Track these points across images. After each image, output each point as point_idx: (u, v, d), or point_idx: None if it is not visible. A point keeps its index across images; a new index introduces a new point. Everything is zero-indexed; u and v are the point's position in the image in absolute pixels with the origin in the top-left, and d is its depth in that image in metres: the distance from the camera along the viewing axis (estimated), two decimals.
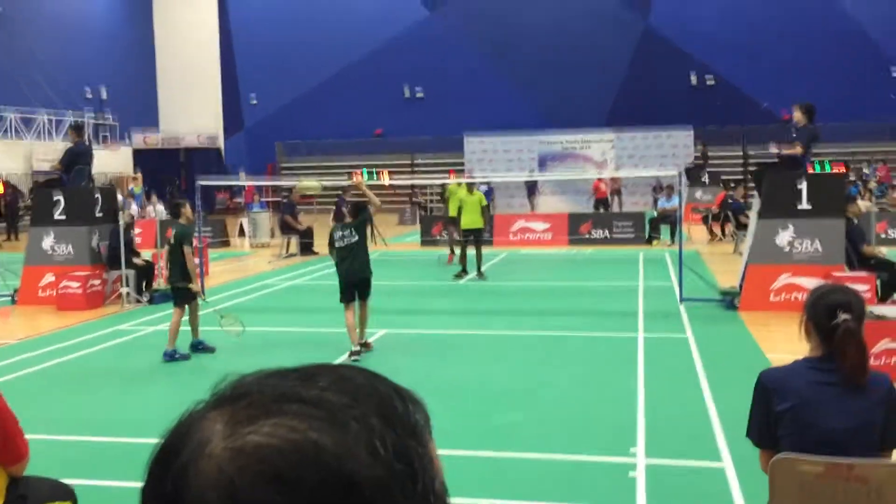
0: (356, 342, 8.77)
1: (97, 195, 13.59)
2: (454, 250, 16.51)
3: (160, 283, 13.60)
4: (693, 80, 37.09)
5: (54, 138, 32.39)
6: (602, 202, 27.34)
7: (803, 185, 11.22)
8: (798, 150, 11.32)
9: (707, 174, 27.91)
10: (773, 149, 12.02)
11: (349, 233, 8.74)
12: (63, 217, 13.17)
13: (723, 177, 28.44)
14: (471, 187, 15.51)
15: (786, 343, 8.70)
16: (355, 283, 8.75)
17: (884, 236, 18.79)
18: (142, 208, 25.07)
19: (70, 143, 13.99)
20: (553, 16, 37.46)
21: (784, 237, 11.31)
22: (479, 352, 9.27)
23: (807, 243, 11.28)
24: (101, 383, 8.22)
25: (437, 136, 37.88)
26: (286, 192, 23.35)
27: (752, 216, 12.47)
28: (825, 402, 2.91)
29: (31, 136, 31.80)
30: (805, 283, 11.18)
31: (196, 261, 14.33)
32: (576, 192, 34.02)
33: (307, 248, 20.10)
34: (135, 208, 23.37)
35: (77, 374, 8.61)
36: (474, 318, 11.27)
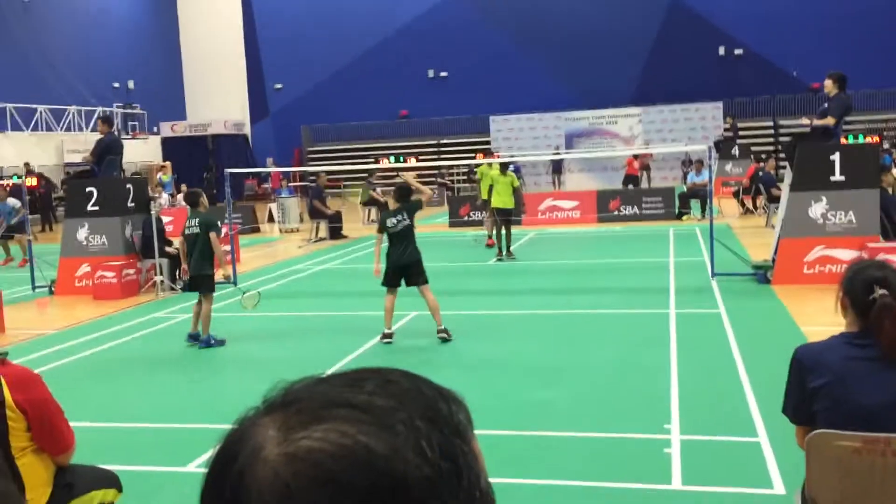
0: (389, 326, 8.77)
1: (129, 186, 13.77)
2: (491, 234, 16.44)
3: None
4: (721, 51, 36.54)
5: (84, 130, 32.78)
6: (632, 179, 27.09)
7: (836, 157, 11.05)
8: (830, 121, 11.14)
9: (737, 147, 27.53)
10: (805, 121, 11.81)
11: (403, 217, 8.67)
12: (96, 208, 13.37)
13: (753, 149, 28.06)
14: (503, 168, 15.42)
15: (821, 316, 8.60)
16: (404, 266, 8.68)
17: None
18: (172, 196, 25.32)
19: (100, 135, 14.16)
20: None
21: (817, 209, 11.16)
22: (509, 331, 9.29)
23: (840, 215, 11.13)
24: (140, 370, 8.37)
25: (462, 117, 37.76)
26: (313, 177, 23.47)
27: (784, 189, 12.32)
28: (862, 378, 2.89)
29: (61, 129, 32.21)
30: (839, 255, 11.05)
31: (226, 248, 14.51)
32: (603, 169, 33.79)
33: (336, 232, 20.20)
34: (165, 197, 23.62)
35: (116, 361, 8.77)
36: (504, 298, 11.28)
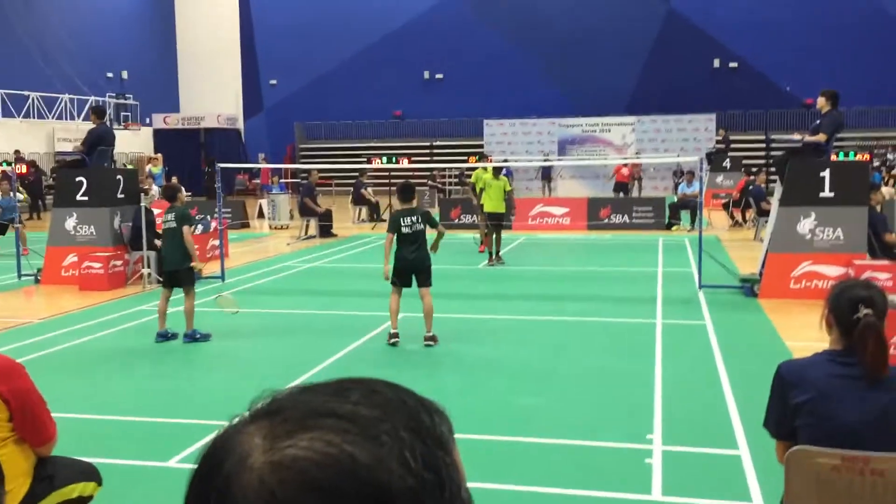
0: (396, 326, 8.68)
1: (119, 177, 13.71)
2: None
3: None
4: (716, 63, 36.74)
5: (76, 119, 32.63)
6: (622, 186, 27.19)
7: (826, 174, 11.13)
8: (822, 138, 11.22)
9: (728, 159, 27.68)
10: (797, 136, 11.89)
11: (417, 220, 8.56)
12: (85, 198, 13.31)
13: (744, 162, 28.22)
14: (496, 172, 15.43)
15: (805, 331, 8.66)
16: (416, 267, 8.60)
17: None
18: (162, 189, 25.20)
19: (92, 125, 14.10)
20: (575, 0, 37.18)
21: (806, 225, 11.23)
22: (497, 336, 9.29)
23: (829, 231, 11.20)
24: (123, 363, 8.34)
25: (456, 120, 37.79)
26: (305, 175, 23.45)
27: (774, 203, 12.39)
28: (844, 396, 2.91)
29: (52, 117, 32.05)
30: (826, 271, 11.13)
31: (214, 242, 14.46)
32: (595, 177, 33.87)
33: (326, 230, 20.18)
34: (155, 189, 23.52)
35: (99, 353, 8.73)
36: (492, 303, 11.30)
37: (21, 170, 19.22)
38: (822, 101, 11.45)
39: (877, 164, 27.65)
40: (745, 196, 20.28)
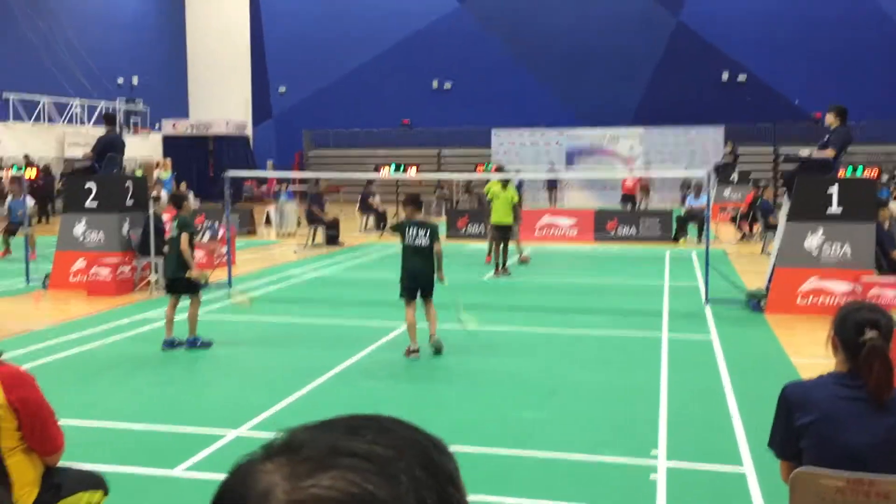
0: (415, 341, 8.65)
1: (128, 184, 13.78)
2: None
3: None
4: (724, 76, 36.75)
5: (86, 124, 32.81)
6: (629, 198, 27.20)
7: (834, 189, 11.12)
8: (830, 153, 11.23)
9: (736, 172, 27.65)
10: (804, 153, 11.90)
11: (424, 234, 8.56)
12: (94, 205, 13.38)
13: (752, 175, 28.18)
14: (505, 183, 15.43)
15: (811, 347, 8.65)
16: (420, 277, 8.62)
17: None
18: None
19: (103, 132, 14.19)
20: (583, 11, 37.26)
21: (813, 241, 11.22)
22: (501, 348, 9.30)
23: (836, 247, 11.18)
24: (129, 370, 8.37)
25: (464, 129, 37.87)
26: (313, 183, 23.51)
27: (781, 218, 12.38)
28: (849, 418, 2.92)
29: (63, 122, 32.23)
30: (833, 286, 11.11)
31: (223, 249, 14.51)
32: (602, 188, 33.87)
33: (333, 239, 20.22)
34: (164, 194, 23.60)
35: (106, 360, 8.76)
36: (497, 314, 11.30)
37: (31, 175, 19.29)
38: (830, 117, 11.46)
39: (885, 179, 27.58)
40: (753, 210, 20.25)
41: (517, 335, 10.04)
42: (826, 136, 11.62)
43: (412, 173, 19.01)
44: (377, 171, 19.92)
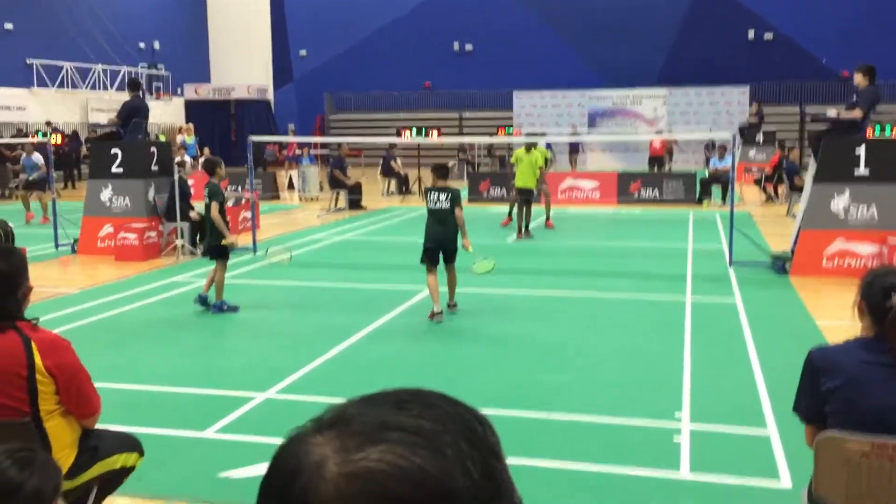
0: (438, 304, 8.76)
1: (153, 149, 13.88)
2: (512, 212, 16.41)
3: None
4: (751, 35, 36.08)
5: (109, 89, 32.93)
6: (657, 160, 26.96)
7: (861, 150, 10.97)
8: (858, 114, 11.06)
9: (762, 133, 27.29)
10: (832, 113, 11.71)
11: (445, 199, 8.72)
12: (120, 170, 13.50)
13: (778, 136, 27.81)
14: (529, 147, 15.37)
15: (837, 310, 8.61)
16: (441, 241, 8.77)
17: None
18: (194, 159, 25.40)
19: (127, 98, 14.26)
20: None
21: (839, 202, 11.10)
22: (525, 311, 9.34)
23: (863, 209, 11.06)
24: (159, 334, 8.51)
25: (485, 91, 37.58)
26: (335, 147, 23.50)
27: (808, 179, 12.25)
28: (875, 382, 2.93)
29: (86, 87, 32.36)
30: (859, 249, 11.02)
31: (246, 214, 14.60)
32: (625, 150, 33.59)
33: (355, 203, 20.27)
34: (188, 159, 23.71)
35: (136, 324, 8.92)
36: (520, 278, 11.33)
37: (56, 140, 19.49)
38: (858, 76, 11.26)
39: None
40: (779, 171, 20.02)
41: (540, 299, 10.07)
42: (854, 96, 11.44)
43: (434, 137, 18.91)
44: (399, 135, 19.83)
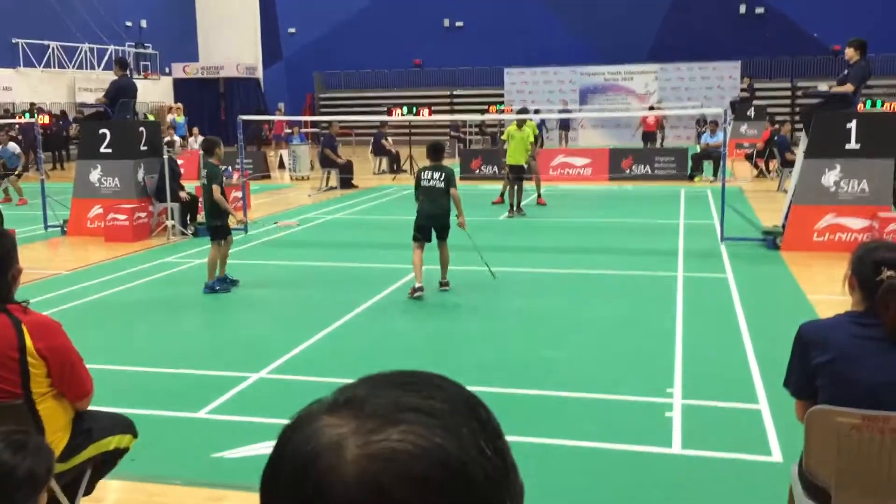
0: (420, 280, 8.78)
1: (142, 129, 13.77)
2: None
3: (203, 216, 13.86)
4: (742, 10, 35.94)
5: (96, 69, 32.62)
6: (650, 135, 26.92)
7: (852, 125, 10.97)
8: (849, 88, 11.05)
9: (753, 108, 27.28)
10: (824, 87, 11.71)
11: (439, 177, 8.75)
12: (109, 150, 13.40)
13: (769, 111, 27.80)
14: (520, 124, 15.33)
15: (828, 284, 8.66)
16: (434, 217, 8.80)
17: None
18: (183, 139, 25.26)
19: (114, 77, 14.13)
20: None
21: (830, 177, 11.12)
22: (517, 288, 9.35)
23: (854, 184, 11.09)
24: (150, 314, 8.49)
25: (476, 68, 37.39)
26: (325, 126, 23.39)
27: (799, 154, 12.26)
28: (866, 356, 2.94)
29: (73, 67, 32.05)
30: (850, 223, 11.06)
31: (237, 194, 14.55)
32: (616, 126, 33.52)
33: (347, 182, 20.21)
34: (177, 139, 23.58)
35: (127, 305, 8.90)
36: (512, 255, 11.34)
37: (44, 120, 19.37)
38: (850, 51, 11.24)
39: None
40: (770, 146, 20.03)
41: (533, 275, 10.09)
42: (846, 71, 11.42)
43: (425, 115, 18.84)
44: (389, 113, 19.74)
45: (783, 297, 8.76)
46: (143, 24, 37.20)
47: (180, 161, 15.06)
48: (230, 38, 40.24)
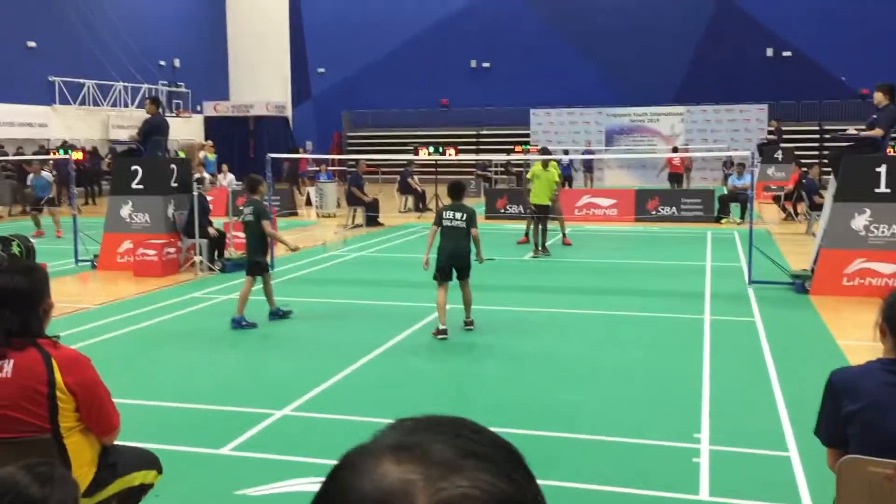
0: (444, 322, 8.77)
1: (173, 166, 13.99)
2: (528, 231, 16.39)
3: (231, 251, 13.99)
4: (769, 52, 35.99)
5: (130, 107, 33.28)
6: (676, 177, 26.89)
7: (882, 169, 10.89)
8: (878, 133, 10.99)
9: (780, 151, 27.17)
10: (852, 131, 11.66)
11: (460, 217, 8.82)
12: (141, 187, 13.62)
13: (797, 153, 27.67)
14: (545, 164, 15.40)
15: (857, 330, 8.53)
16: (456, 257, 8.84)
17: None
18: (213, 176, 25.57)
19: (147, 115, 14.41)
20: None
21: (860, 221, 11.01)
22: (541, 329, 9.31)
23: (884, 228, 10.96)
24: (178, 349, 8.55)
25: (502, 109, 37.66)
26: (353, 164, 23.61)
27: (827, 198, 12.17)
28: None
29: (107, 105, 32.72)
30: (880, 268, 10.92)
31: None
32: (642, 167, 33.52)
33: (372, 220, 20.33)
34: (206, 175, 23.87)
35: (154, 339, 8.96)
36: (537, 296, 11.30)
37: (77, 156, 19.80)
38: (878, 95, 11.20)
39: None
40: (799, 189, 19.91)
41: (557, 316, 10.04)
42: (874, 115, 11.37)
43: (451, 154, 18.97)
44: (416, 153, 19.91)
45: (812, 342, 8.64)
46: (177, 63, 38.00)
47: (209, 197, 15.24)
48: (261, 77, 40.99)
